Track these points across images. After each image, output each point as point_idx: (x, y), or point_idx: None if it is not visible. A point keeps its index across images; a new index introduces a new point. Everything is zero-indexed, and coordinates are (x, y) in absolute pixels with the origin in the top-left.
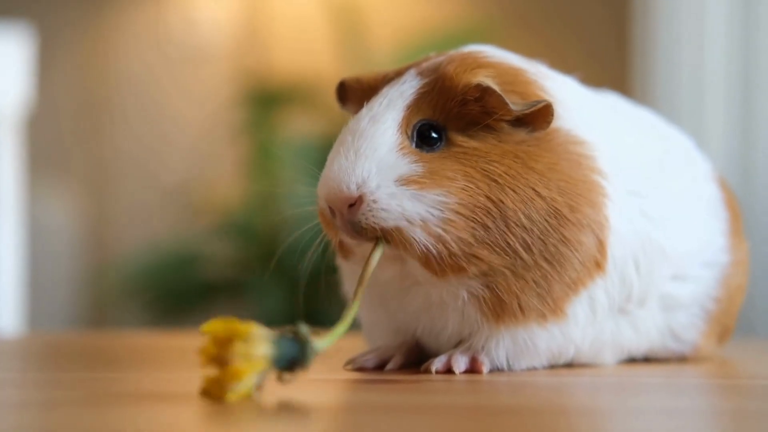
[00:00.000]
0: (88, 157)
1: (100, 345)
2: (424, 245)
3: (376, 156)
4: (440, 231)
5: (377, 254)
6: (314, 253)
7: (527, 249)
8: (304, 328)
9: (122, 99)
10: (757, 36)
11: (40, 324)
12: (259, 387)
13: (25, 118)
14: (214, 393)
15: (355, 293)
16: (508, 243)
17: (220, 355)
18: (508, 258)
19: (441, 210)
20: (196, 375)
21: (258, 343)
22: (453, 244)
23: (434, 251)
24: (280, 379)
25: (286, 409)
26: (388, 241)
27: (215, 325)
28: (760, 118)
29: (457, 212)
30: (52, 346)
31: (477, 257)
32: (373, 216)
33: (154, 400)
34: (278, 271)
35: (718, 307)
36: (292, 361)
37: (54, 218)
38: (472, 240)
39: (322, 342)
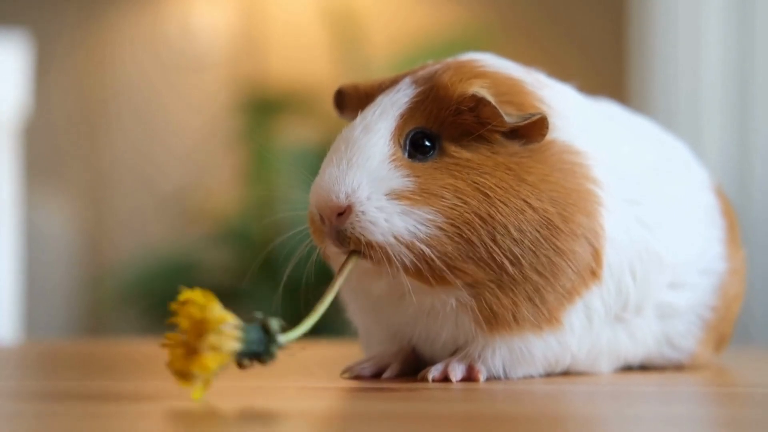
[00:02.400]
0: (85, 164)
1: (97, 352)
2: (404, 263)
3: (367, 166)
4: (424, 247)
5: (349, 266)
6: (308, 260)
7: (515, 262)
8: (275, 323)
9: (119, 106)
10: (754, 44)
11: (37, 332)
12: (215, 375)
13: (22, 126)
14: (178, 371)
15: (323, 298)
16: (493, 257)
17: (190, 340)
18: (492, 272)
19: (428, 227)
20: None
21: (228, 339)
22: (436, 260)
23: (413, 269)
24: (240, 366)
25: (285, 416)
26: (370, 256)
27: (193, 302)
28: (757, 126)
29: (443, 229)
30: (49, 354)
31: (461, 270)
32: (360, 227)
33: (151, 407)
34: (274, 277)
35: (715, 315)
36: (256, 353)
37: (51, 225)
38: (455, 254)
39: (285, 337)
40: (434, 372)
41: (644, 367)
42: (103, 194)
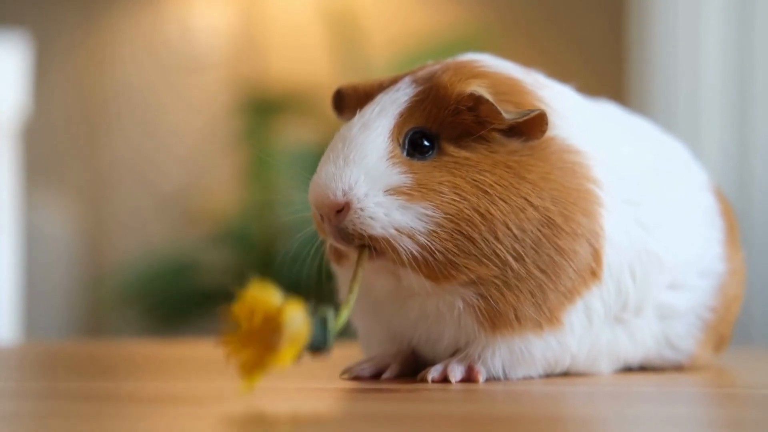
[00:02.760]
0: (84, 165)
1: (97, 354)
2: (410, 253)
3: (365, 163)
4: (425, 241)
5: (364, 261)
6: (310, 261)
7: (519, 259)
8: (330, 313)
9: (119, 107)
10: (754, 45)
11: (37, 333)
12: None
13: (21, 126)
14: (254, 368)
15: (350, 288)
16: (497, 254)
17: (263, 336)
18: (497, 269)
19: (426, 222)
20: (194, 384)
21: (304, 329)
22: (438, 255)
23: (420, 259)
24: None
25: (284, 417)
26: (375, 249)
27: (257, 297)
28: (756, 126)
29: (443, 225)
30: (49, 355)
31: (465, 267)
32: (360, 223)
33: (151, 408)
34: (274, 279)
35: (715, 316)
36: (317, 345)
37: (50, 226)
38: (457, 251)
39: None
40: (434, 373)
41: (644, 368)
42: (102, 195)
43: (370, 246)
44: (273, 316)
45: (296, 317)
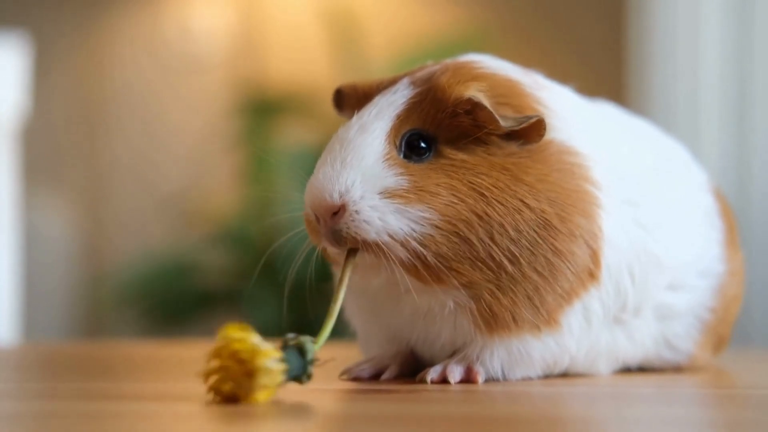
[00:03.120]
0: (83, 165)
1: (96, 355)
2: (401, 260)
3: (362, 166)
4: (419, 247)
5: (349, 267)
6: (307, 261)
7: (514, 261)
8: (310, 345)
9: (118, 108)
10: (753, 45)
11: (36, 334)
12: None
13: (20, 127)
14: (228, 402)
15: (334, 302)
16: (492, 256)
17: (238, 379)
18: (490, 272)
19: (423, 225)
20: (193, 384)
21: (277, 375)
22: (431, 260)
23: (410, 264)
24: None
25: (283, 419)
26: (368, 252)
27: (232, 336)
28: (756, 127)
29: (439, 228)
30: (48, 356)
31: (457, 271)
32: (355, 227)
33: (150, 409)
34: (274, 279)
35: (714, 317)
36: (298, 372)
37: (50, 227)
38: (451, 255)
39: (313, 352)
40: (433, 374)
41: (642, 369)
42: (102, 196)
43: (360, 249)
44: (248, 361)
45: (269, 364)
